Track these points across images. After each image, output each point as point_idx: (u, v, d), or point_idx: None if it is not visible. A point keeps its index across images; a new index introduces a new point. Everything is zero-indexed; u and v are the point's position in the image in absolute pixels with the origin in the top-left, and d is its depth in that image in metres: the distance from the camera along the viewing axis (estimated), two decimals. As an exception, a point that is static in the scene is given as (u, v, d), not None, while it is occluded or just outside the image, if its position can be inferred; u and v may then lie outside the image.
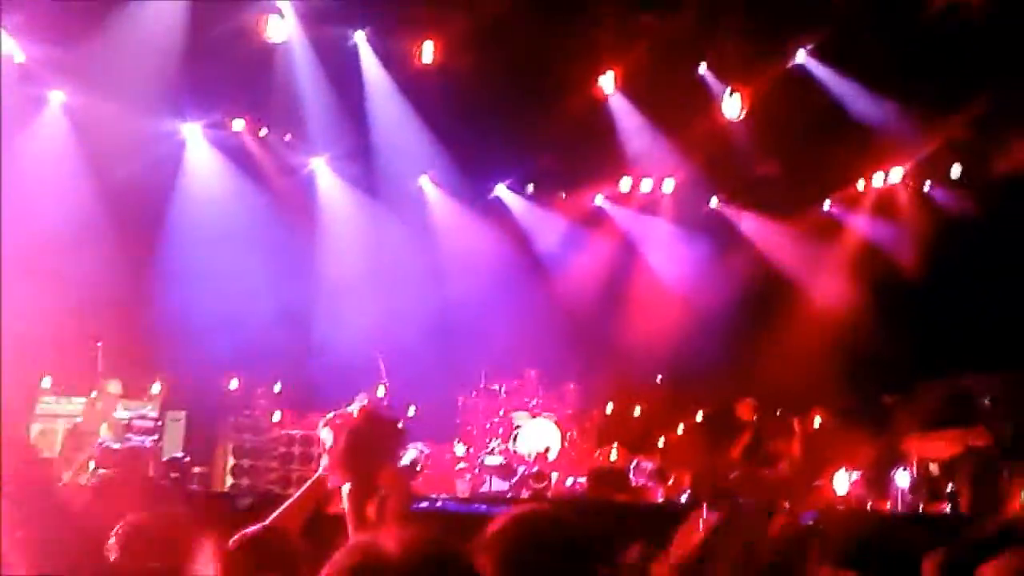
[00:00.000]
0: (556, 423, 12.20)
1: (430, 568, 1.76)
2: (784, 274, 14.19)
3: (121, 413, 10.17)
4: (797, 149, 13.03)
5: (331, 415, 3.38)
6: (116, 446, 9.66)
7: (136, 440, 9.78)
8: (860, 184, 14.30)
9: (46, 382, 9.96)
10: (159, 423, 10.27)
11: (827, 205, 14.65)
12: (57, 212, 10.79)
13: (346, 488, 3.22)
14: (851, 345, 12.82)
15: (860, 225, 14.42)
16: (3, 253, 9.36)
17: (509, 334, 12.45)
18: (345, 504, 3.23)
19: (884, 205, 14.22)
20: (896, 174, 14.01)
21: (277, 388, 11.50)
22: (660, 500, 10.86)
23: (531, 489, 10.56)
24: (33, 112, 11.49)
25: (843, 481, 11.41)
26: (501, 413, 12.26)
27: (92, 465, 9.51)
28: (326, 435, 3.32)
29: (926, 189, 14.19)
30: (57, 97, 11.64)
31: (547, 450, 11.94)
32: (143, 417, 10.12)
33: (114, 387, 10.09)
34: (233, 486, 10.64)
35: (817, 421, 12.41)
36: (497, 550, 2.52)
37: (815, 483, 11.43)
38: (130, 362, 10.37)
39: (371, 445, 3.30)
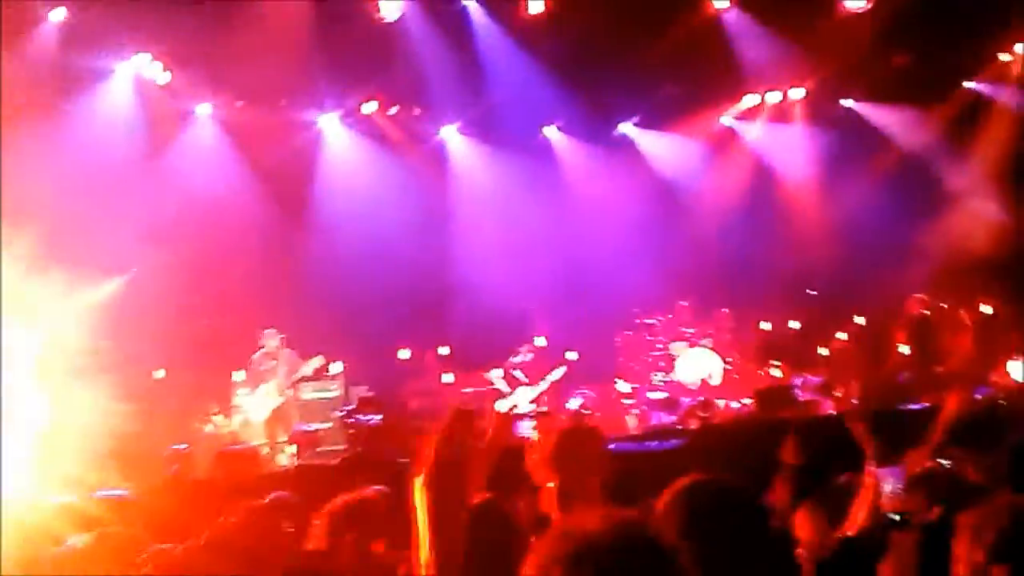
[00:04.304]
0: (714, 349, 12.28)
1: (637, 551, 1.85)
2: (929, 164, 13.66)
3: (309, 394, 10.84)
4: (930, 31, 12.45)
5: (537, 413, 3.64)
6: (312, 428, 10.36)
7: (373, 418, 10.44)
8: (1004, 56, 13.59)
9: (240, 375, 10.70)
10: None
11: (970, 84, 13.98)
12: (221, 215, 11.53)
13: (551, 486, 3.48)
14: (1010, 228, 12.29)
15: (1008, 98, 13.71)
16: (182, 261, 10.09)
17: (654, 268, 12.54)
18: (546, 501, 3.49)
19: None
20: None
21: (445, 351, 12.03)
22: (829, 413, 10.78)
23: (698, 419, 10.67)
24: (182, 125, 12.31)
25: (1019, 370, 11.05)
26: (659, 347, 12.42)
27: (295, 448, 10.22)
28: (534, 434, 3.58)
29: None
30: (203, 109, 12.42)
31: (709, 377, 12.06)
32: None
33: (311, 366, 10.64)
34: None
35: (985, 311, 12.03)
36: (672, 524, 2.63)
37: (990, 375, 11.11)
38: (306, 345, 11.01)
39: (580, 452, 3.56)
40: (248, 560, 4.04)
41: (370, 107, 13.07)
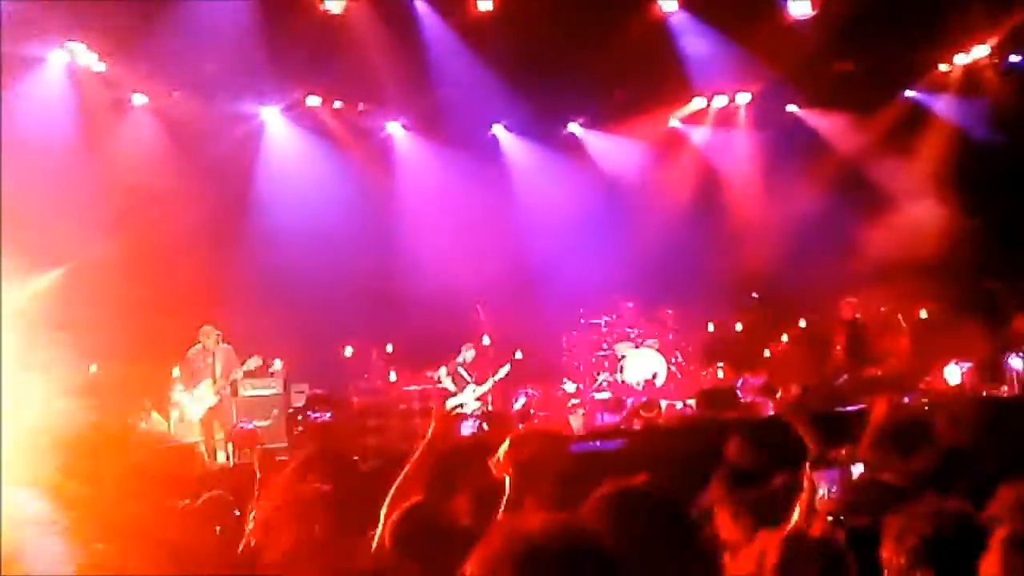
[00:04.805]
0: (659, 350, 12.33)
1: (583, 554, 1.89)
2: (870, 170, 13.90)
3: (248, 392, 10.65)
4: (873, 40, 12.65)
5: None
6: (251, 425, 10.17)
7: (322, 415, 10.27)
8: (943, 66, 13.89)
9: (175, 371, 10.48)
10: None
11: (910, 93, 14.27)
12: (159, 206, 11.27)
13: (508, 479, 3.40)
14: (947, 234, 12.54)
15: (945, 109, 14.02)
16: (118, 253, 9.84)
17: (600, 268, 12.58)
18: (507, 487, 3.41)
19: (970, 85, 13.76)
20: (979, 51, 13.52)
21: (389, 349, 11.91)
22: (770, 414, 10.87)
23: (642, 419, 10.71)
24: (119, 115, 12.01)
25: (955, 372, 11.25)
26: (604, 347, 12.43)
27: (230, 446, 10.03)
28: (503, 449, 3.50)
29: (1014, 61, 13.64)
30: (140, 99, 12.11)
31: (654, 377, 12.10)
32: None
33: (251, 364, 10.51)
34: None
35: (922, 314, 12.24)
36: (601, 527, 2.61)
37: (926, 377, 11.32)
38: (247, 341, 10.82)
39: (544, 461, 3.48)
40: (177, 561, 3.93)
41: (314, 100, 12.88)
